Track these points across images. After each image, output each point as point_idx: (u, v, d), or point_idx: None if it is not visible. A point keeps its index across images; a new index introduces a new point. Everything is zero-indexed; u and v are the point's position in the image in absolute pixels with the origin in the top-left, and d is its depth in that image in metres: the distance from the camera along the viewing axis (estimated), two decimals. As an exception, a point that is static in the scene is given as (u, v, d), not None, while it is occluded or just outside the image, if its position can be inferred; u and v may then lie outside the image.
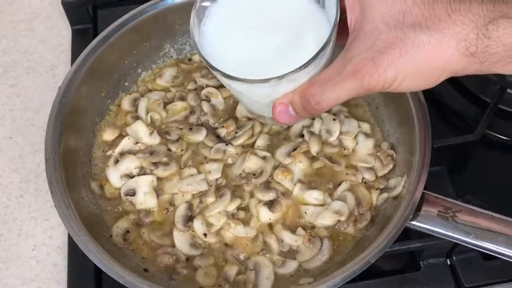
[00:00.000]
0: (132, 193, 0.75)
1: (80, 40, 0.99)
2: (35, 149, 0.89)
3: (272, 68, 0.55)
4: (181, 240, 0.72)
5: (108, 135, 0.81)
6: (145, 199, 0.74)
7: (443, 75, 0.52)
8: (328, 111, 0.81)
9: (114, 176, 0.77)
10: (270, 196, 0.74)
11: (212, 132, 0.80)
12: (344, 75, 0.52)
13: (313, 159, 0.78)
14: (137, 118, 0.82)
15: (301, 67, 0.53)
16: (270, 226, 0.73)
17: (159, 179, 0.76)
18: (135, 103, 0.84)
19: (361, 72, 0.51)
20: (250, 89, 0.58)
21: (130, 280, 0.63)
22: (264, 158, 0.77)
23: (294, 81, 0.55)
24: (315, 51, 0.53)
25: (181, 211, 0.73)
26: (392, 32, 0.50)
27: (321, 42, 0.53)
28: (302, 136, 0.79)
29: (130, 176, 0.76)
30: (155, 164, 0.77)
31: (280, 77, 0.53)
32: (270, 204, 0.73)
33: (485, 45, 0.49)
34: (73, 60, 0.95)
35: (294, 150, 0.77)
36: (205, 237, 0.72)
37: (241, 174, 0.76)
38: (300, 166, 0.77)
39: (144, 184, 0.75)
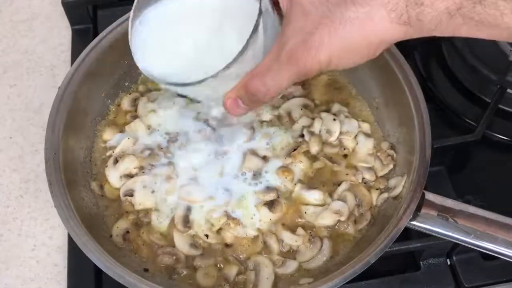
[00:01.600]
0: (131, 193, 0.75)
1: (80, 40, 0.99)
2: (35, 149, 0.89)
3: (207, 67, 0.54)
4: (181, 240, 0.72)
5: (108, 135, 0.81)
6: (143, 200, 0.74)
7: (381, 46, 0.51)
8: (328, 111, 0.81)
9: (114, 176, 0.76)
10: (270, 196, 0.74)
11: (212, 131, 0.80)
12: (280, 63, 0.52)
13: (313, 159, 0.78)
14: (136, 117, 0.82)
15: (226, 66, 0.52)
16: (270, 226, 0.73)
17: (158, 179, 0.76)
18: (135, 102, 0.84)
19: (295, 57, 0.51)
20: (192, 90, 0.58)
21: (130, 280, 0.63)
22: (264, 158, 0.77)
23: (233, 75, 0.54)
24: (240, 46, 0.52)
25: (180, 211, 0.73)
26: (319, 11, 0.50)
27: (245, 36, 0.52)
28: (302, 136, 0.79)
29: (130, 176, 0.76)
30: (155, 164, 0.77)
31: (212, 77, 0.52)
32: (270, 204, 0.73)
33: (417, 12, 0.48)
34: (73, 60, 0.95)
35: (294, 150, 0.78)
36: (207, 238, 0.72)
37: (241, 174, 0.76)
38: (300, 166, 0.77)
39: (142, 185, 0.75)
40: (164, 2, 0.61)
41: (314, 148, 0.78)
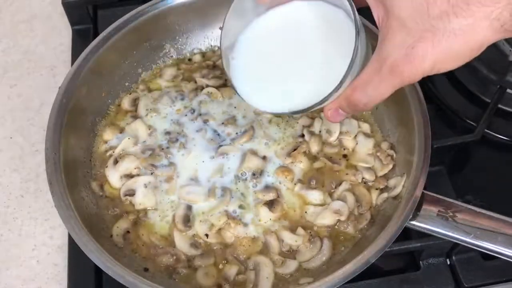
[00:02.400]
0: (132, 193, 0.75)
1: (80, 40, 0.99)
2: (35, 149, 0.89)
3: (307, 93, 0.59)
4: (181, 240, 0.72)
5: (108, 135, 0.81)
6: (144, 199, 0.74)
7: (480, 50, 0.52)
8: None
9: (114, 177, 0.77)
10: (270, 196, 0.74)
11: (212, 131, 0.80)
12: (382, 75, 0.54)
13: (313, 159, 0.78)
14: (137, 117, 0.82)
15: (335, 89, 0.56)
16: (270, 226, 0.73)
17: (158, 179, 0.76)
18: (135, 102, 0.84)
19: (399, 69, 0.52)
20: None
21: (130, 280, 0.63)
22: (264, 158, 0.77)
23: (338, 94, 0.58)
24: (345, 67, 0.54)
25: (181, 211, 0.73)
26: (420, 25, 0.50)
27: (348, 55, 0.54)
28: (302, 136, 0.79)
29: (130, 176, 0.76)
30: (155, 164, 0.77)
31: (319, 103, 0.57)
32: (270, 204, 0.73)
33: None
34: (73, 60, 0.95)
35: (295, 150, 0.78)
36: (207, 237, 0.72)
37: (241, 174, 0.76)
38: (300, 166, 0.77)
39: (143, 184, 0.75)
40: (256, 24, 0.65)
41: (314, 148, 0.78)
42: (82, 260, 0.68)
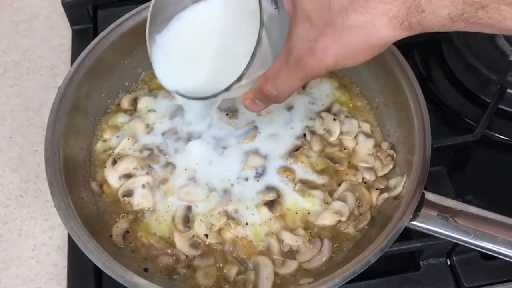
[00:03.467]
0: (130, 193, 0.75)
1: (80, 40, 0.99)
2: (35, 149, 0.89)
3: (221, 80, 0.58)
4: (181, 240, 0.72)
5: (108, 135, 0.81)
6: (142, 200, 0.74)
7: (383, 47, 0.53)
8: (328, 111, 0.81)
9: (113, 177, 0.77)
10: (270, 196, 0.74)
11: (212, 131, 0.80)
12: (289, 68, 0.55)
13: (315, 159, 0.78)
14: (136, 117, 0.82)
15: (236, 79, 0.56)
16: (270, 226, 0.73)
17: (157, 179, 0.76)
18: (134, 102, 0.84)
19: (303, 62, 0.53)
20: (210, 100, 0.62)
21: (130, 280, 0.63)
22: (265, 157, 0.77)
23: (245, 83, 0.58)
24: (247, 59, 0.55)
25: (180, 211, 0.73)
26: (322, 20, 0.51)
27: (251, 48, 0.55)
28: (304, 136, 0.79)
29: (129, 177, 0.76)
30: (154, 164, 0.77)
31: (224, 91, 0.58)
32: (270, 205, 0.73)
33: (418, 18, 0.48)
34: (73, 60, 0.95)
35: (297, 150, 0.77)
36: (206, 238, 0.72)
37: (242, 173, 0.76)
38: (302, 166, 0.77)
39: (141, 185, 0.75)
40: (177, 21, 0.66)
41: (316, 148, 0.78)
42: (82, 260, 0.68)
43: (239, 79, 0.56)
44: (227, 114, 0.81)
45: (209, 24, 0.65)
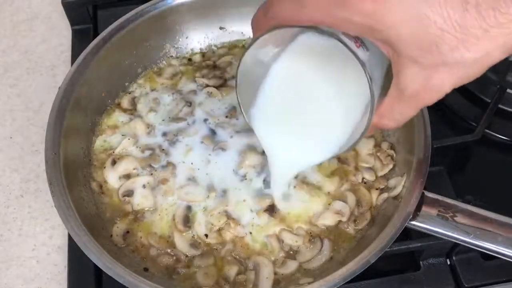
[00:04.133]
0: (130, 193, 0.75)
1: (80, 40, 0.99)
2: (35, 149, 0.89)
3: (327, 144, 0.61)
4: (181, 240, 0.72)
5: (108, 135, 0.81)
6: (142, 200, 0.74)
7: (487, 68, 0.52)
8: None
9: (112, 177, 0.77)
10: (266, 202, 0.73)
11: (212, 131, 0.80)
12: (404, 103, 0.55)
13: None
14: (136, 117, 0.82)
15: (360, 137, 0.57)
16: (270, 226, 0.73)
17: (157, 179, 0.76)
18: (134, 102, 0.84)
19: (421, 97, 0.53)
20: None
21: (130, 280, 0.63)
22: (263, 153, 0.77)
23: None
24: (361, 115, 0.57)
25: (180, 211, 0.73)
26: (431, 60, 0.50)
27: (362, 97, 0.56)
28: None
29: (128, 177, 0.76)
30: (153, 164, 0.77)
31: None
32: (271, 210, 0.73)
33: None
34: (73, 60, 0.95)
35: None
36: (206, 238, 0.72)
37: (242, 172, 0.76)
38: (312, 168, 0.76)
39: (141, 185, 0.75)
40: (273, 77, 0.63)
41: None
42: (82, 260, 0.68)
43: (364, 132, 0.57)
44: (226, 117, 0.82)
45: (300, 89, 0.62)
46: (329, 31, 0.52)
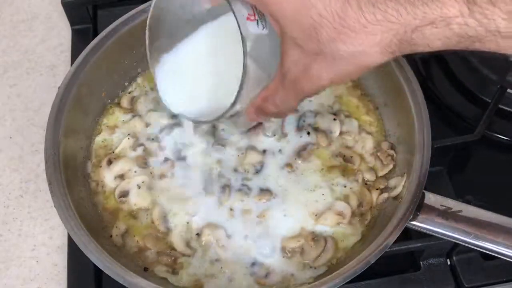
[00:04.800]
0: (126, 194, 0.75)
1: (80, 40, 0.99)
2: (35, 149, 0.89)
3: (219, 103, 0.62)
4: (179, 240, 0.71)
5: (108, 134, 0.81)
6: (138, 199, 0.74)
7: (370, 69, 0.54)
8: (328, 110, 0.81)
9: (109, 177, 0.77)
10: (265, 199, 0.73)
11: (210, 130, 0.80)
12: (286, 89, 0.57)
13: (327, 157, 0.77)
14: (136, 116, 0.82)
15: (229, 108, 0.58)
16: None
17: (154, 176, 0.76)
18: (133, 101, 0.84)
19: (299, 85, 0.55)
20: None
21: (130, 280, 0.63)
22: (264, 152, 0.77)
23: (242, 105, 0.61)
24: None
25: (178, 210, 0.73)
26: (311, 47, 0.51)
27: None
28: (307, 133, 0.79)
29: (124, 177, 0.76)
30: (150, 161, 0.77)
31: (221, 116, 0.60)
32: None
33: (410, 49, 0.49)
34: (73, 60, 0.95)
35: (304, 149, 0.77)
36: (205, 236, 0.72)
37: (241, 169, 0.76)
38: (312, 166, 0.76)
39: (136, 185, 0.75)
40: (178, 47, 0.68)
41: (324, 143, 0.77)
42: (82, 260, 0.68)
43: (232, 105, 0.58)
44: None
45: (204, 51, 0.67)
46: None
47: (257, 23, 0.56)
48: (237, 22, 0.54)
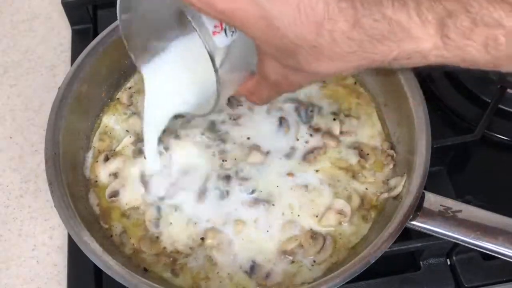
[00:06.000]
0: (116, 194, 0.75)
1: (80, 40, 0.99)
2: (35, 149, 0.89)
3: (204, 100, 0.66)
4: (178, 239, 0.71)
5: (108, 133, 0.81)
6: (130, 199, 0.74)
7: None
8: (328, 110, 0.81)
9: (103, 173, 0.76)
10: (260, 209, 0.73)
11: (210, 127, 0.80)
12: (268, 88, 0.60)
13: (334, 159, 0.77)
14: (135, 114, 0.82)
15: (211, 110, 0.62)
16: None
17: (153, 177, 0.76)
18: (132, 98, 0.84)
19: (281, 87, 0.58)
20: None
21: (130, 280, 0.63)
22: (267, 153, 0.77)
23: (227, 94, 0.65)
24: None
25: (176, 209, 0.73)
26: (290, 62, 0.53)
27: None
28: (310, 135, 0.79)
29: (118, 176, 0.76)
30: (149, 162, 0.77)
31: (207, 114, 0.65)
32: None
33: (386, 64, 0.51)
34: (73, 60, 0.95)
35: (311, 152, 0.77)
36: (204, 237, 0.72)
37: (242, 169, 0.76)
38: (319, 169, 0.76)
39: (130, 182, 0.75)
40: (165, 52, 0.71)
41: (332, 145, 0.77)
42: (82, 260, 0.68)
43: (214, 107, 0.61)
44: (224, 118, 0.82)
45: (186, 56, 0.70)
46: (192, 13, 0.53)
47: (225, 32, 0.55)
48: (203, 41, 0.53)
